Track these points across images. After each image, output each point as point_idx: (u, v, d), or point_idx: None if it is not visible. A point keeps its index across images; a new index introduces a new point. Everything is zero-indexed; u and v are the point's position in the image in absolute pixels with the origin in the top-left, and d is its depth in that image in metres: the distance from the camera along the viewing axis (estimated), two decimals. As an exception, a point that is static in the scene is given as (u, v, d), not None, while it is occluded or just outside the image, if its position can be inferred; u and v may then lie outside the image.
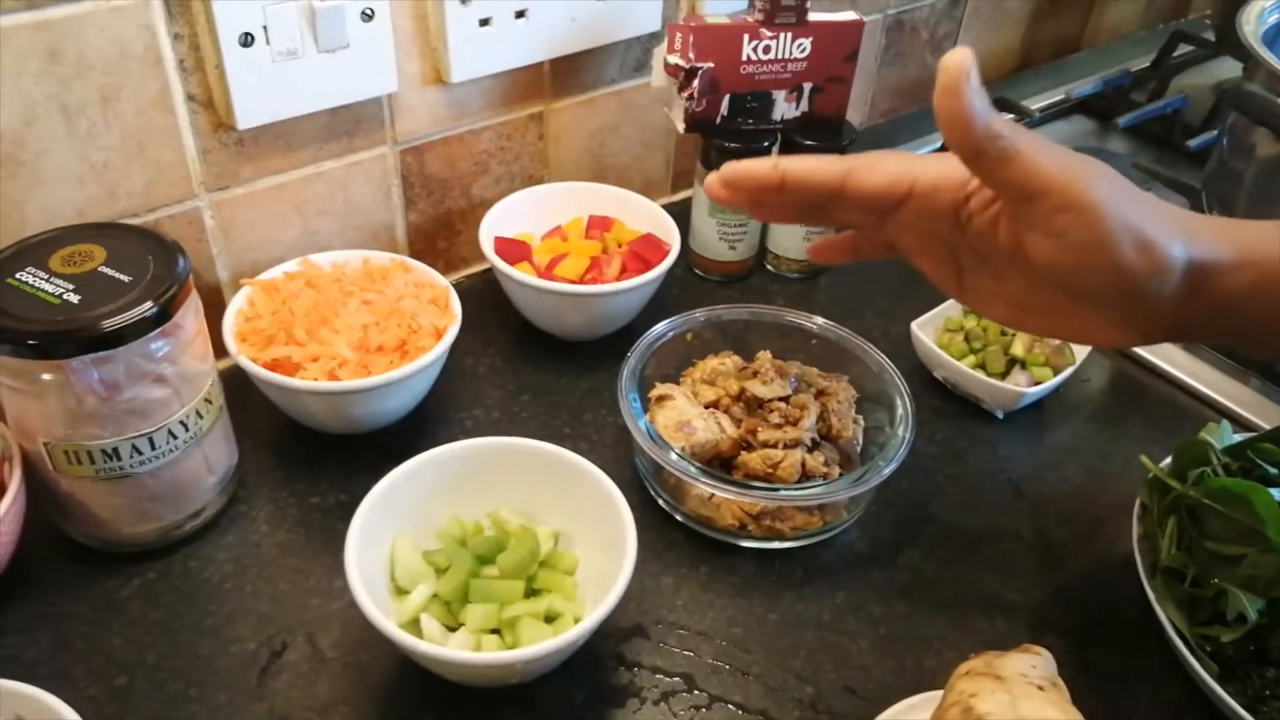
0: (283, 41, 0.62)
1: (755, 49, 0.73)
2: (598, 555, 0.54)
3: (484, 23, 0.70)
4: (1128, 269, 0.42)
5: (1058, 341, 0.70)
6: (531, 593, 0.54)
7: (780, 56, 0.74)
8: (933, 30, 1.05)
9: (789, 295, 0.83)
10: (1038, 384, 0.69)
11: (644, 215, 0.78)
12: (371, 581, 0.50)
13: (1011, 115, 1.00)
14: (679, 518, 0.62)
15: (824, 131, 0.78)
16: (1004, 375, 0.70)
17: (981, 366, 0.70)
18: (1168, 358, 0.77)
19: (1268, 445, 0.60)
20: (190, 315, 0.54)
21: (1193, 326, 0.45)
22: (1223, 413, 0.73)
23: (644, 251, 0.73)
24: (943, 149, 0.47)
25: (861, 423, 0.66)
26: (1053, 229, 0.42)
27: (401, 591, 0.53)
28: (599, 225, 0.78)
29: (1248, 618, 0.53)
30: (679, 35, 0.72)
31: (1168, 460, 0.60)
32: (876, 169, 0.47)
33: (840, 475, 0.62)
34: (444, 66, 0.70)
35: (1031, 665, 0.47)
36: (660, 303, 0.76)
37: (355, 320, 0.63)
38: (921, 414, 0.72)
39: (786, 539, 0.61)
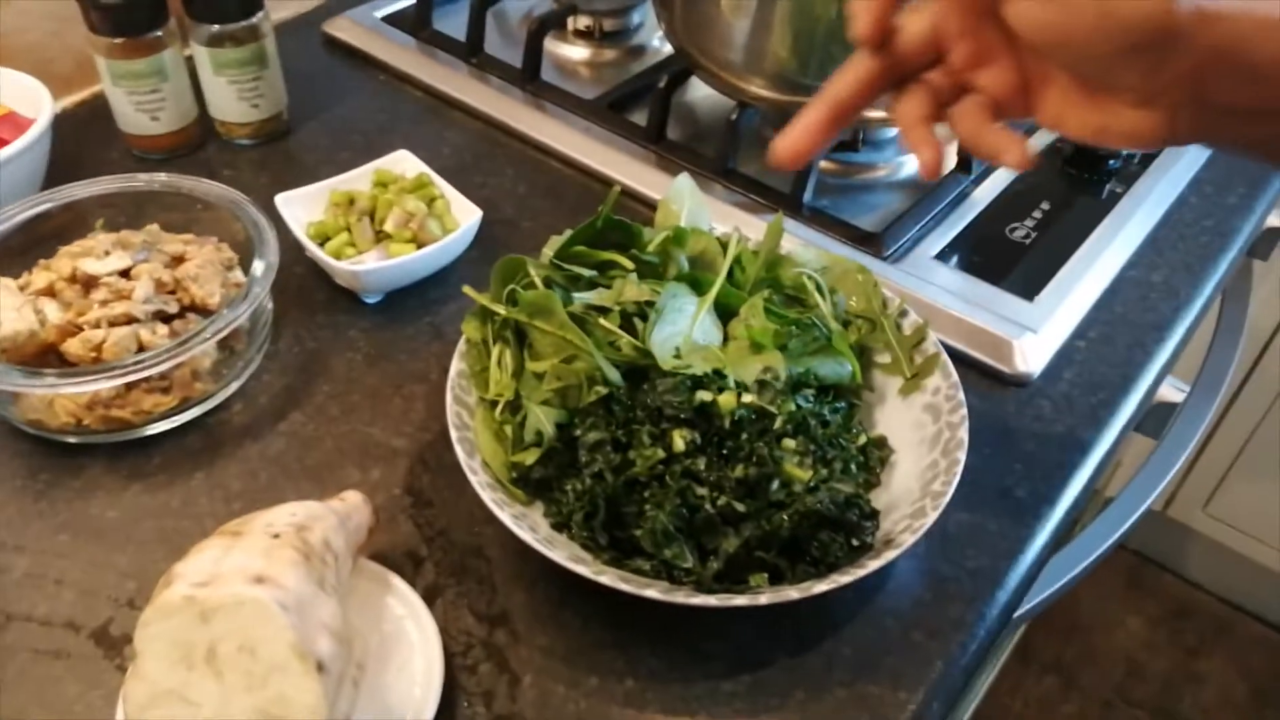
0: None
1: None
2: None
3: None
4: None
5: (433, 218, 0.64)
6: None
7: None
8: None
9: (243, 163, 0.76)
10: (389, 259, 0.63)
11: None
12: None
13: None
14: (21, 426, 0.55)
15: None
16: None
17: (353, 245, 0.64)
18: (575, 144, 0.76)
19: (578, 248, 0.57)
20: None
21: (1223, 110, 0.37)
22: (629, 193, 0.72)
23: None
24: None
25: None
26: None
27: None
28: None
29: (544, 435, 0.50)
30: None
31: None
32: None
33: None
34: None
35: (290, 514, 0.44)
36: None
37: None
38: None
39: (135, 426, 0.55)
